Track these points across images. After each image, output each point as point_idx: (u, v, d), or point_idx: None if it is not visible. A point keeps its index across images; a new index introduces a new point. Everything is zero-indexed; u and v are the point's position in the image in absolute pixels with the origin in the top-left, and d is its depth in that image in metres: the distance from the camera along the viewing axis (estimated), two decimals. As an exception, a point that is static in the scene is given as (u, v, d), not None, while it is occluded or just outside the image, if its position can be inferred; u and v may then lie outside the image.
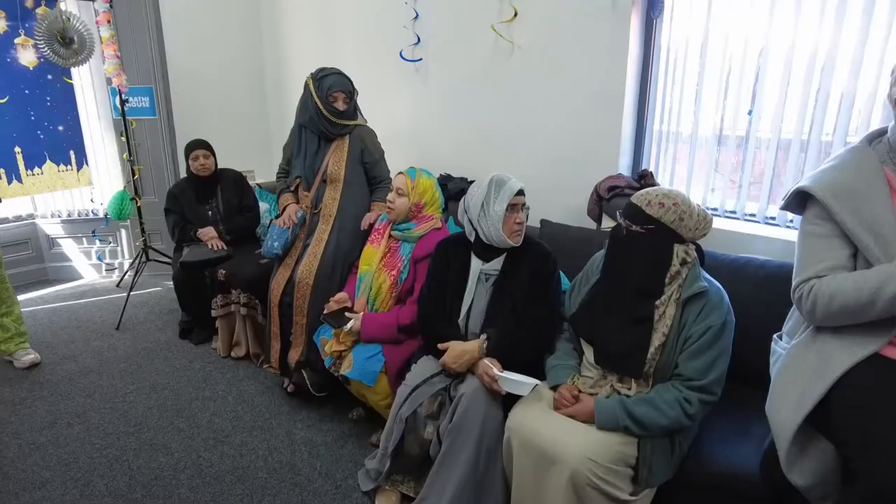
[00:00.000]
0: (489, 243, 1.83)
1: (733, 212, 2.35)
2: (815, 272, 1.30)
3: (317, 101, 2.44)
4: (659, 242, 1.56)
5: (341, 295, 2.31)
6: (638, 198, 1.60)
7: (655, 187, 1.63)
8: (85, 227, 4.14)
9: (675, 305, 1.55)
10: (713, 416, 1.68)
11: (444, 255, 1.97)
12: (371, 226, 2.43)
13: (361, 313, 2.17)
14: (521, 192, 1.81)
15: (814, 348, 1.31)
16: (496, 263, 1.87)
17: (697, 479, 1.55)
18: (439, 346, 1.83)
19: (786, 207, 1.45)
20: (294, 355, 2.50)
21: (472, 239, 1.89)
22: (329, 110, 2.44)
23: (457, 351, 1.78)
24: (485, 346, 1.77)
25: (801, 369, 1.31)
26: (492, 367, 1.69)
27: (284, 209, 2.63)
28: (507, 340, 1.77)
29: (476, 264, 1.90)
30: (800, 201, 1.39)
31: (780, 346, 1.45)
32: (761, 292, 1.81)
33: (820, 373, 1.26)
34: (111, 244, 4.24)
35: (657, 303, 1.56)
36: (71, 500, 1.99)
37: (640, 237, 1.57)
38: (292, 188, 2.64)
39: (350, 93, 2.49)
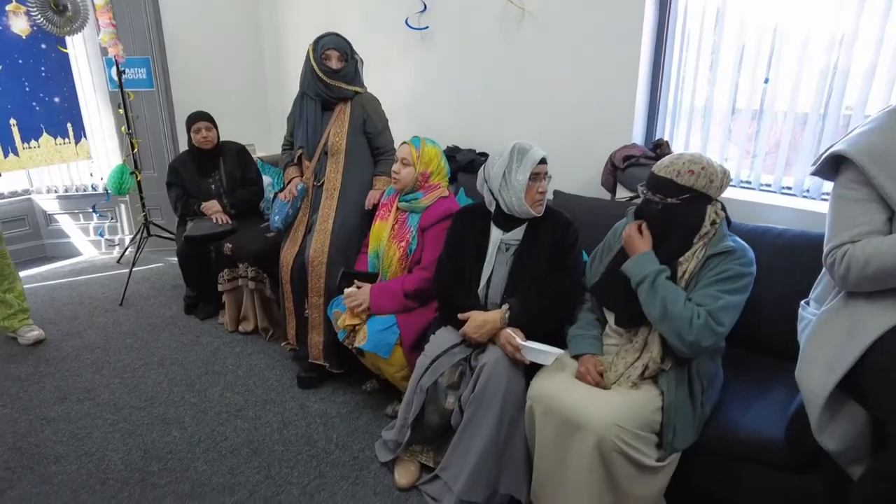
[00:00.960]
0: (510, 213, 1.81)
1: (748, 182, 2.34)
2: (850, 237, 1.28)
3: (312, 62, 2.38)
4: (695, 209, 1.56)
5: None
6: (664, 170, 1.58)
7: (674, 155, 1.60)
8: (82, 202, 4.06)
9: (695, 260, 1.56)
10: (734, 382, 1.69)
11: (462, 224, 1.94)
12: (375, 205, 2.38)
13: (369, 286, 2.14)
14: (543, 161, 1.78)
15: (845, 313, 1.31)
16: (517, 233, 1.85)
17: (721, 445, 1.55)
18: (460, 316, 1.81)
19: (817, 173, 1.43)
20: (316, 338, 2.45)
21: (492, 209, 1.87)
22: (323, 69, 2.37)
23: (478, 321, 1.77)
24: (507, 315, 1.76)
25: (832, 334, 1.31)
26: (515, 336, 1.68)
27: (289, 183, 2.58)
28: (529, 311, 1.76)
29: (496, 234, 1.87)
30: (833, 166, 1.38)
31: (809, 312, 1.45)
32: (780, 261, 1.81)
33: (853, 337, 1.25)
34: (111, 220, 4.17)
35: (681, 259, 1.57)
36: (87, 473, 1.98)
37: (677, 208, 1.56)
38: (296, 161, 2.59)
39: (346, 53, 2.41)
